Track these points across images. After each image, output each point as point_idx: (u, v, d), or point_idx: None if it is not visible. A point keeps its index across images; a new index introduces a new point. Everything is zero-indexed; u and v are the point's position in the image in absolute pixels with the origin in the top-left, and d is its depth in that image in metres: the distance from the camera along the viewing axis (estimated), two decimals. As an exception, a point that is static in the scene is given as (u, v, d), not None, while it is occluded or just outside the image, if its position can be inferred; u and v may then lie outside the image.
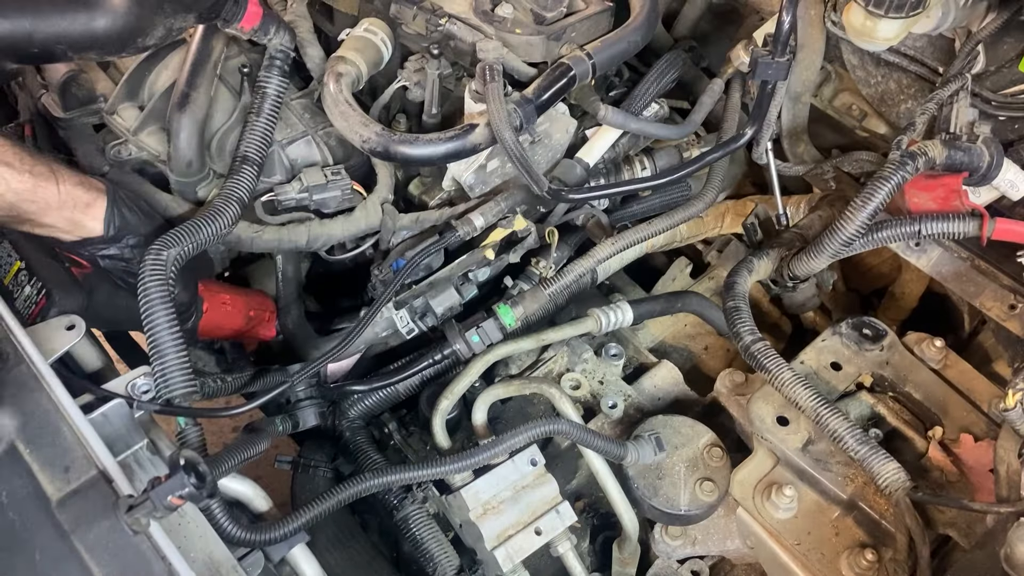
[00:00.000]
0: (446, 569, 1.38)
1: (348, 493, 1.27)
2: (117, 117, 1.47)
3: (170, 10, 1.19)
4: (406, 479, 1.31)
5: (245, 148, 1.38)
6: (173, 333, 1.14)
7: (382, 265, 1.51)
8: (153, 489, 0.91)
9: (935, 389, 1.44)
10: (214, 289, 1.48)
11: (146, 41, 1.20)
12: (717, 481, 1.40)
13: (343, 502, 1.27)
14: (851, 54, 1.61)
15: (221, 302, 1.48)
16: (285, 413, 1.43)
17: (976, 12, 1.39)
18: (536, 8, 1.49)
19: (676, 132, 1.64)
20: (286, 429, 1.43)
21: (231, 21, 1.33)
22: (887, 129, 1.67)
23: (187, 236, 1.24)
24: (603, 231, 1.65)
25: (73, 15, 1.12)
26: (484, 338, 1.47)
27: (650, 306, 1.66)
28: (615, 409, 1.52)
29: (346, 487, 1.28)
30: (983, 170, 1.34)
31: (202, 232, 1.26)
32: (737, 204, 1.86)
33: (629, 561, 1.52)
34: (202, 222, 1.27)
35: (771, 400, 1.39)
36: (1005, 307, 1.45)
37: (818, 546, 1.30)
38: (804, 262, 1.46)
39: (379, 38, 1.50)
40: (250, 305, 1.54)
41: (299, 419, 1.43)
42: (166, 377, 1.12)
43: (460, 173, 1.53)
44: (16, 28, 1.11)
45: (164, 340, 1.14)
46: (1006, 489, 1.20)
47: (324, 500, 1.26)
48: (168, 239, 1.22)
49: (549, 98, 1.43)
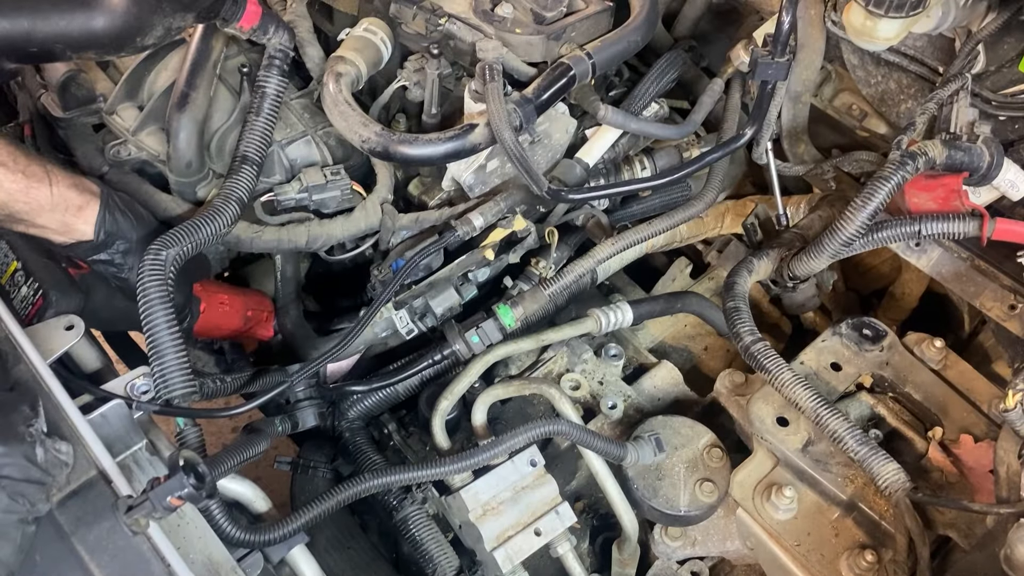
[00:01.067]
0: (446, 570, 1.38)
1: (348, 494, 1.27)
2: (116, 117, 1.47)
3: (169, 9, 1.19)
4: (406, 480, 1.31)
5: (244, 148, 1.38)
6: (172, 333, 1.14)
7: (382, 265, 1.51)
8: (152, 490, 0.91)
9: (935, 390, 1.44)
10: (212, 289, 1.48)
11: (145, 40, 1.20)
12: (717, 482, 1.40)
13: (343, 503, 1.27)
14: (851, 54, 1.61)
15: (219, 302, 1.47)
16: (284, 414, 1.43)
17: (976, 12, 1.39)
18: (536, 8, 1.49)
19: (676, 132, 1.64)
20: (285, 430, 1.43)
21: (230, 20, 1.33)
22: (887, 129, 1.67)
23: (186, 236, 1.23)
24: (603, 231, 1.65)
25: (72, 14, 1.12)
26: (484, 338, 1.47)
27: (650, 306, 1.65)
28: (615, 410, 1.52)
29: (346, 488, 1.28)
30: (983, 170, 1.34)
31: (201, 232, 1.25)
32: (737, 204, 1.86)
33: (629, 562, 1.52)
34: (201, 222, 1.26)
35: (771, 401, 1.39)
36: (1005, 307, 1.45)
37: (818, 547, 1.30)
38: (804, 262, 1.46)
39: (379, 38, 1.50)
40: (248, 305, 1.54)
41: (298, 420, 1.43)
42: (165, 378, 1.12)
43: (460, 173, 1.53)
44: (15, 27, 1.10)
45: (163, 340, 1.13)
46: (1006, 490, 1.20)
47: (324, 501, 1.26)
48: (167, 239, 1.21)
49: (549, 98, 1.43)
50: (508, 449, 1.34)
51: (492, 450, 1.32)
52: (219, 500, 1.10)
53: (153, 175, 1.48)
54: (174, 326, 1.15)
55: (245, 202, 1.35)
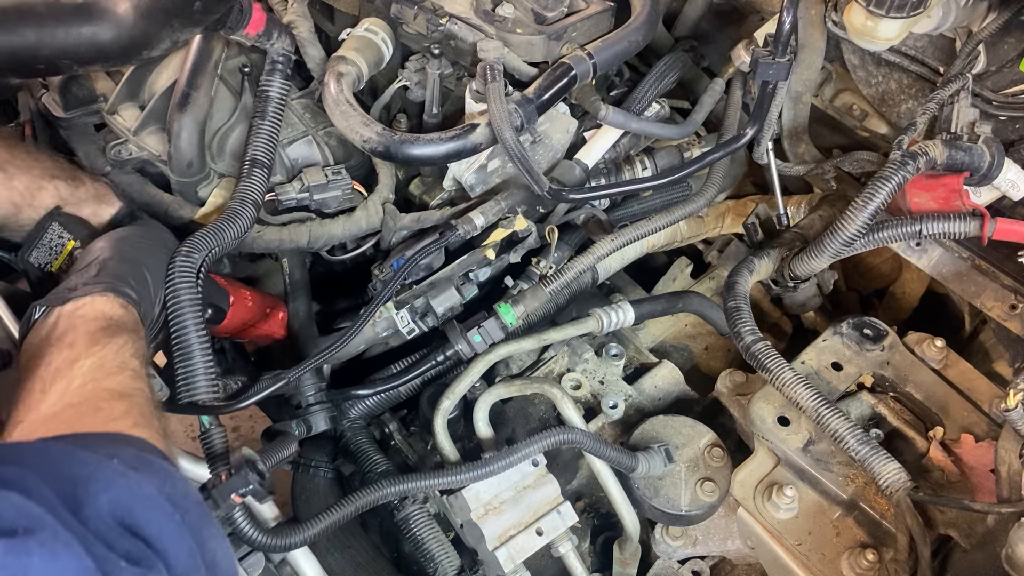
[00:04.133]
0: (447, 569, 1.38)
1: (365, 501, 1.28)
2: (118, 117, 1.47)
3: (178, 25, 1.18)
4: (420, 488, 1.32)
5: (253, 151, 1.39)
6: (201, 337, 1.15)
7: (383, 265, 1.51)
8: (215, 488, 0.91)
9: (936, 389, 1.44)
10: (236, 285, 1.49)
11: (151, 53, 1.19)
12: (718, 481, 1.40)
13: (360, 509, 1.28)
14: (852, 54, 1.61)
15: (244, 298, 1.48)
16: (299, 418, 1.44)
17: (977, 12, 1.39)
18: (537, 8, 1.49)
19: (677, 132, 1.64)
20: (302, 433, 1.43)
21: (236, 29, 1.33)
22: (888, 129, 1.67)
23: (212, 239, 1.25)
24: (603, 230, 1.65)
25: (79, 30, 1.11)
26: (486, 337, 1.47)
27: (651, 306, 1.65)
28: (615, 409, 1.52)
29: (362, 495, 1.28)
30: (984, 170, 1.34)
31: (225, 235, 1.27)
32: (737, 204, 1.86)
33: (630, 561, 1.52)
34: (223, 225, 1.28)
35: (772, 400, 1.39)
36: (1006, 307, 1.45)
37: (819, 546, 1.30)
38: (805, 262, 1.46)
39: (380, 38, 1.50)
40: (266, 303, 1.54)
41: (311, 424, 1.44)
42: (190, 381, 1.13)
43: (461, 173, 1.53)
44: (21, 43, 1.09)
45: (192, 343, 1.14)
46: (1007, 489, 1.20)
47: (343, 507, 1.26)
48: (196, 242, 1.22)
49: (550, 98, 1.43)
50: (522, 458, 1.33)
51: (506, 459, 1.32)
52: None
53: (154, 175, 1.48)
54: (202, 329, 1.16)
55: (260, 205, 1.36)
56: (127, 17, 1.12)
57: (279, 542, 1.16)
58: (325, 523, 1.23)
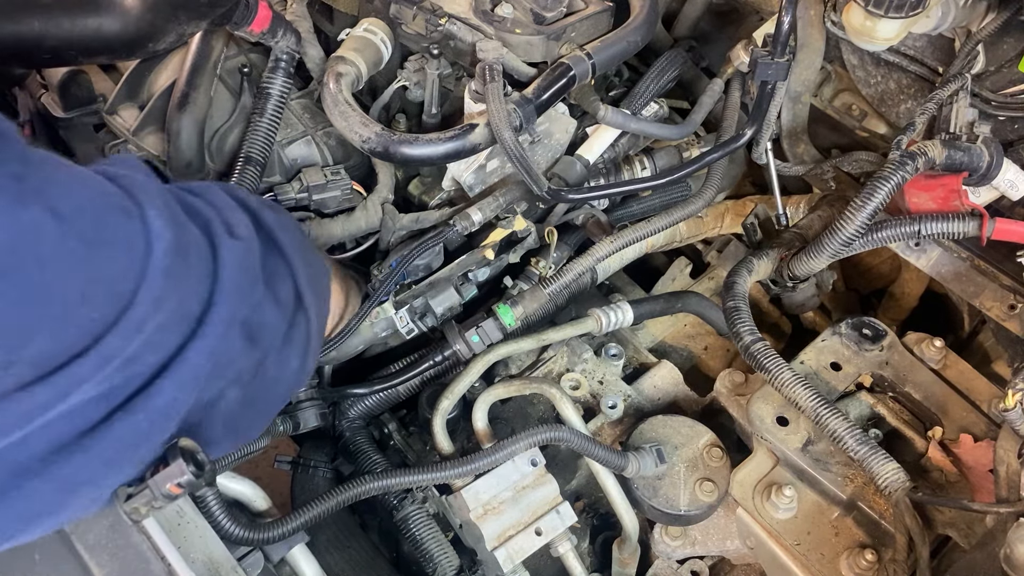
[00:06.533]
0: (446, 569, 1.38)
1: (349, 495, 1.27)
2: (117, 117, 1.47)
3: (184, 18, 1.18)
4: (408, 483, 1.31)
5: (248, 148, 1.39)
6: None
7: (382, 264, 1.51)
8: (151, 477, 0.90)
9: (935, 389, 1.44)
10: None
11: (157, 46, 1.19)
12: (717, 481, 1.40)
13: (344, 503, 1.27)
14: (851, 54, 1.61)
15: None
16: (286, 414, 1.43)
17: (976, 12, 1.39)
18: (536, 8, 1.49)
19: (676, 132, 1.64)
20: (287, 430, 1.43)
21: (241, 25, 1.33)
22: (887, 129, 1.67)
23: None
24: (602, 230, 1.65)
25: (85, 20, 1.11)
26: (484, 338, 1.47)
27: (650, 306, 1.65)
28: (615, 409, 1.52)
29: (347, 488, 1.28)
30: (983, 170, 1.34)
31: None
32: (737, 204, 1.86)
33: (629, 561, 1.52)
34: None
35: (771, 400, 1.39)
36: (1005, 307, 1.45)
37: (818, 546, 1.30)
38: (804, 262, 1.46)
39: (379, 38, 1.50)
40: None
41: (300, 420, 1.43)
42: None
43: (460, 173, 1.53)
44: (26, 33, 1.09)
45: None
46: (1006, 489, 1.20)
47: (325, 500, 1.26)
48: None
49: (549, 98, 1.43)
50: (510, 455, 1.34)
51: (494, 455, 1.32)
52: (219, 498, 1.10)
53: (153, 175, 1.48)
54: None
55: None
56: (133, 9, 1.12)
57: (256, 536, 1.15)
58: (305, 517, 1.22)
